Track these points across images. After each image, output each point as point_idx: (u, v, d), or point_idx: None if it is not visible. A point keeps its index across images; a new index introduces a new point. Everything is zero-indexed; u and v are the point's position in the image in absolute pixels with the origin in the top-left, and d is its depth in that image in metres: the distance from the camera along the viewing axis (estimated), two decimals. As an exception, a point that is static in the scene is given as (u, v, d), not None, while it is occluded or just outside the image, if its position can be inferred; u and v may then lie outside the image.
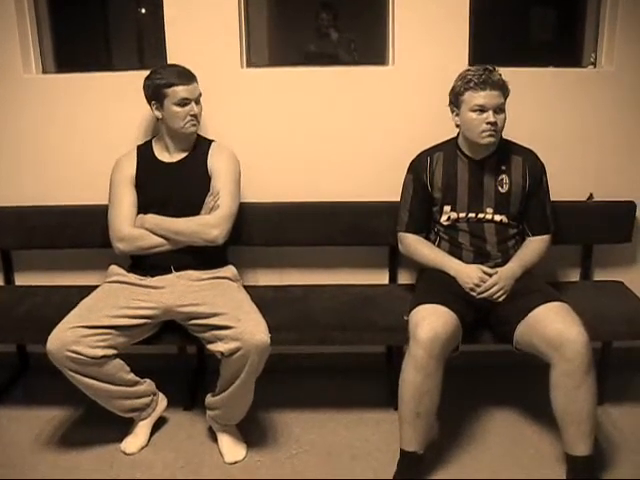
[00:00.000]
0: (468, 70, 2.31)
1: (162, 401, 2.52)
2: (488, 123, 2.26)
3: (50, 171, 2.83)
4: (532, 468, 2.28)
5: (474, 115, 2.28)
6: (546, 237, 2.47)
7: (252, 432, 2.49)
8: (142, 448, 2.41)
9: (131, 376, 2.32)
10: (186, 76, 2.41)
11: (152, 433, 2.48)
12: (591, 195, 2.81)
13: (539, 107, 2.75)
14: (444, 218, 2.45)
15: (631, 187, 2.81)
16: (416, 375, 2.08)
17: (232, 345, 2.15)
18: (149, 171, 2.51)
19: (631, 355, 2.90)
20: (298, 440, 2.46)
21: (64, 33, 3.19)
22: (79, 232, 2.77)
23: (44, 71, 2.90)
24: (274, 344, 2.19)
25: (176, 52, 2.68)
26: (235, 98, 2.73)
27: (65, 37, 3.21)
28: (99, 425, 2.53)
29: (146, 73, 2.45)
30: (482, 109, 2.26)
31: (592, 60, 2.88)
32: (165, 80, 2.39)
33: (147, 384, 2.42)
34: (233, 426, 2.42)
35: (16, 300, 2.67)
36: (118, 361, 2.27)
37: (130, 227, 2.44)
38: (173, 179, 2.49)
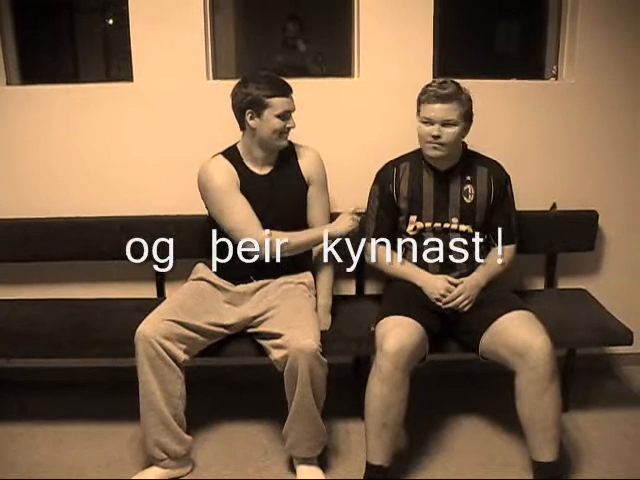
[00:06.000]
0: (432, 82, 2.33)
1: (185, 468, 2.34)
2: (432, 136, 2.29)
3: (13, 183, 2.79)
4: (499, 476, 2.29)
5: (423, 126, 2.31)
6: (511, 247, 2.49)
7: (216, 445, 2.48)
8: None
9: (183, 416, 2.26)
10: (286, 88, 2.33)
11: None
12: (554, 205, 2.85)
13: (502, 118, 2.79)
14: (410, 228, 2.46)
15: (593, 196, 2.86)
16: (382, 387, 2.09)
17: (281, 353, 2.13)
18: (248, 184, 2.40)
19: (595, 362, 2.95)
20: (267, 452, 2.45)
21: (29, 44, 3.16)
22: (43, 245, 2.73)
23: (7, 83, 2.86)
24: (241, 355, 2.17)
25: (142, 64, 2.68)
26: (201, 110, 2.72)
27: (30, 48, 3.17)
28: (59, 440, 2.51)
29: (111, 85, 2.41)
30: (430, 121, 2.28)
31: (553, 72, 2.94)
32: (267, 91, 2.28)
33: (190, 440, 2.31)
34: (312, 459, 2.32)
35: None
36: (184, 390, 2.24)
37: (262, 231, 2.35)
38: (270, 193, 2.42)
